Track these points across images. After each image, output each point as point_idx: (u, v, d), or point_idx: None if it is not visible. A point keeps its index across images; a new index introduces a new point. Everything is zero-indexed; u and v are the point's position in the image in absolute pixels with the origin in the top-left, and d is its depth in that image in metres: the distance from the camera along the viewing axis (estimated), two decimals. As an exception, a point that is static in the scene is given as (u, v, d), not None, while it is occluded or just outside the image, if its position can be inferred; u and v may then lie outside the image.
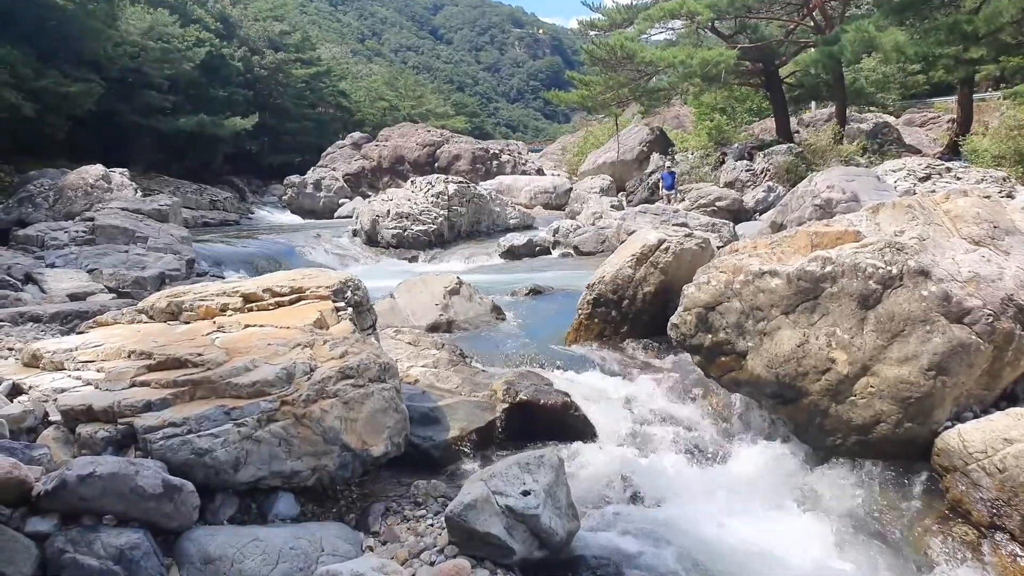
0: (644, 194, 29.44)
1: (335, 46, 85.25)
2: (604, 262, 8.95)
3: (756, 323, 5.90)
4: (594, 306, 8.61)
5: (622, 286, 8.47)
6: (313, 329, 5.19)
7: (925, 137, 36.70)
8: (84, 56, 30.84)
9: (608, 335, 8.58)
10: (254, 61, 46.16)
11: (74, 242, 13.66)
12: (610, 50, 29.89)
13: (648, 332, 8.55)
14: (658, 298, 8.48)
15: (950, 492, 5.19)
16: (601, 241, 18.90)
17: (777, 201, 23.86)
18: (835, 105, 32.62)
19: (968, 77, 28.98)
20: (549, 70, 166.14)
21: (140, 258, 13.10)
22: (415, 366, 7.01)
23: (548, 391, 6.68)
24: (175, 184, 33.06)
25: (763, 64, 31.45)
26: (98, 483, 3.84)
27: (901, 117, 39.09)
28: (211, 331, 5.18)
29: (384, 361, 5.03)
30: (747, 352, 5.97)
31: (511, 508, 4.21)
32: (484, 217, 22.59)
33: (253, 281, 5.83)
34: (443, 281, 9.98)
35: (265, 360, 4.74)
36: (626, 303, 8.48)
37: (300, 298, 5.63)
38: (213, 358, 4.70)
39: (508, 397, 6.56)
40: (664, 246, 8.39)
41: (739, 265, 6.00)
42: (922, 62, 29.17)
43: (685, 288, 6.34)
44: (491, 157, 36.62)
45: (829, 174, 14.06)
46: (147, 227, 14.79)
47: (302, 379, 4.66)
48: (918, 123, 39.10)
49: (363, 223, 20.53)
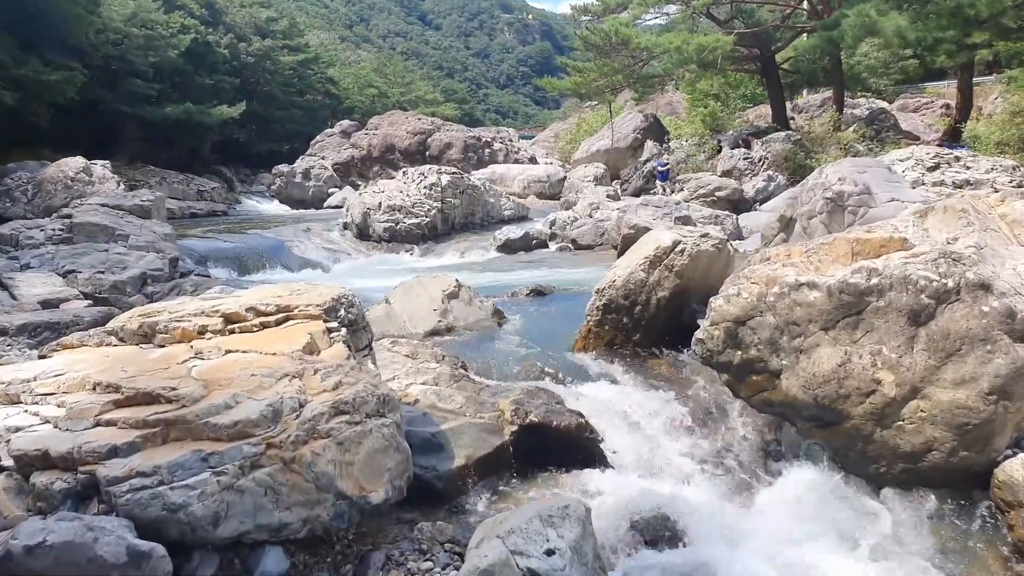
0: (639, 183, 29.00)
1: (323, 32, 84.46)
2: (614, 264, 8.36)
3: (792, 339, 5.35)
4: (604, 312, 8.02)
5: (634, 291, 7.89)
6: (303, 356, 4.60)
7: (920, 122, 36.23)
8: (67, 43, 30.25)
9: (619, 343, 8.01)
10: (240, 48, 45.52)
11: (51, 241, 13.01)
12: (605, 36, 29.32)
13: (662, 340, 7.99)
14: (673, 304, 7.92)
15: (1014, 531, 4.66)
16: (600, 234, 18.32)
17: (778, 191, 23.41)
18: (832, 91, 32.11)
19: (968, 62, 28.42)
20: (539, 56, 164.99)
21: (120, 257, 12.47)
22: (415, 383, 6.44)
23: (561, 412, 6.12)
24: (161, 174, 32.48)
25: (759, 50, 30.92)
26: (49, 553, 3.28)
27: (895, 103, 38.55)
28: (188, 358, 4.59)
29: (383, 392, 4.46)
30: (781, 371, 5.42)
31: (534, 572, 3.65)
32: (478, 209, 21.97)
33: (236, 299, 5.22)
34: (441, 284, 9.38)
35: (248, 394, 4.16)
36: (639, 309, 7.91)
37: (288, 318, 5.04)
38: (189, 392, 4.12)
39: (517, 419, 5.99)
40: (679, 248, 7.81)
41: (773, 276, 5.44)
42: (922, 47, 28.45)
43: (712, 301, 5.78)
44: (483, 145, 35.92)
45: (840, 165, 13.47)
46: (128, 224, 14.14)
47: (290, 417, 4.08)
48: (911, 108, 38.59)
49: (354, 216, 19.89)
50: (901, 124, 32.27)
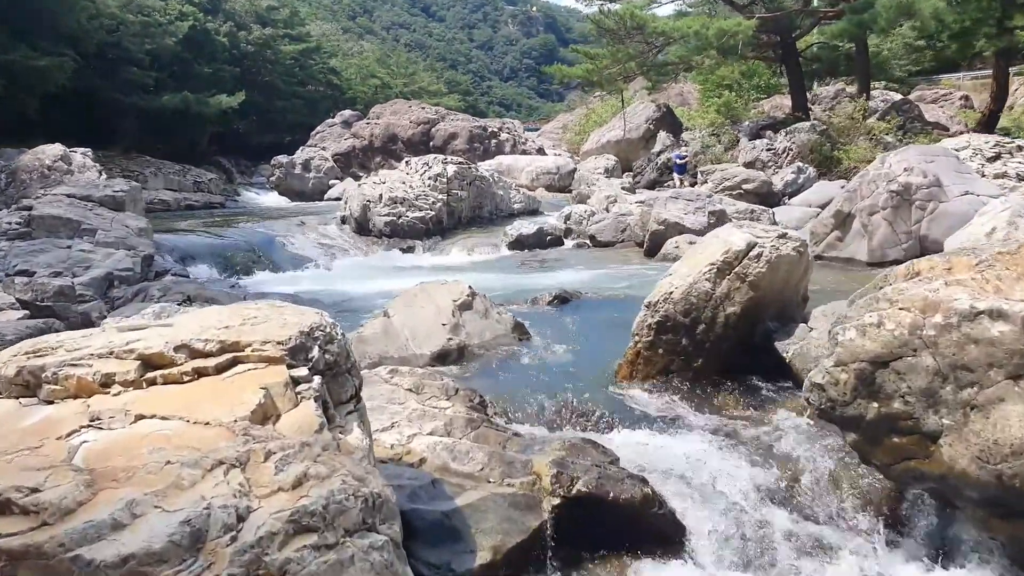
0: (653, 175, 27.66)
1: (325, 23, 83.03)
2: (670, 271, 6.69)
3: (960, 390, 3.74)
4: (658, 332, 6.38)
5: (697, 305, 6.26)
6: (249, 427, 3.01)
7: (942, 114, 34.80)
8: (58, 29, 29.15)
9: (675, 370, 6.40)
10: (240, 36, 44.45)
11: (5, 236, 11.38)
12: (619, 20, 27.85)
13: (728, 366, 6.39)
14: (743, 321, 6.30)
15: None
16: (621, 229, 16.71)
17: (808, 184, 21.86)
18: (856, 80, 30.62)
19: (1009, 47, 26.74)
20: (543, 48, 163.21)
21: (84, 256, 10.90)
22: (420, 434, 4.83)
23: (618, 477, 4.52)
24: (157, 165, 31.10)
25: (779, 36, 29.33)
26: None
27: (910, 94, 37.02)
28: (76, 428, 3.00)
29: (373, 491, 2.85)
30: (941, 433, 3.82)
31: None
32: (486, 202, 20.33)
33: (162, 330, 3.61)
34: (451, 292, 7.72)
35: (157, 499, 2.57)
36: (702, 328, 6.28)
37: (235, 361, 3.43)
38: (58, 498, 2.53)
39: (560, 488, 4.40)
40: (755, 252, 6.18)
41: (933, 300, 3.82)
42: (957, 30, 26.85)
43: (839, 333, 4.15)
44: (489, 136, 34.28)
45: (905, 154, 11.86)
46: (96, 217, 12.50)
47: (222, 540, 2.49)
48: (929, 100, 37.24)
49: (352, 209, 18.22)
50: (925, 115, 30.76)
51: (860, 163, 23.47)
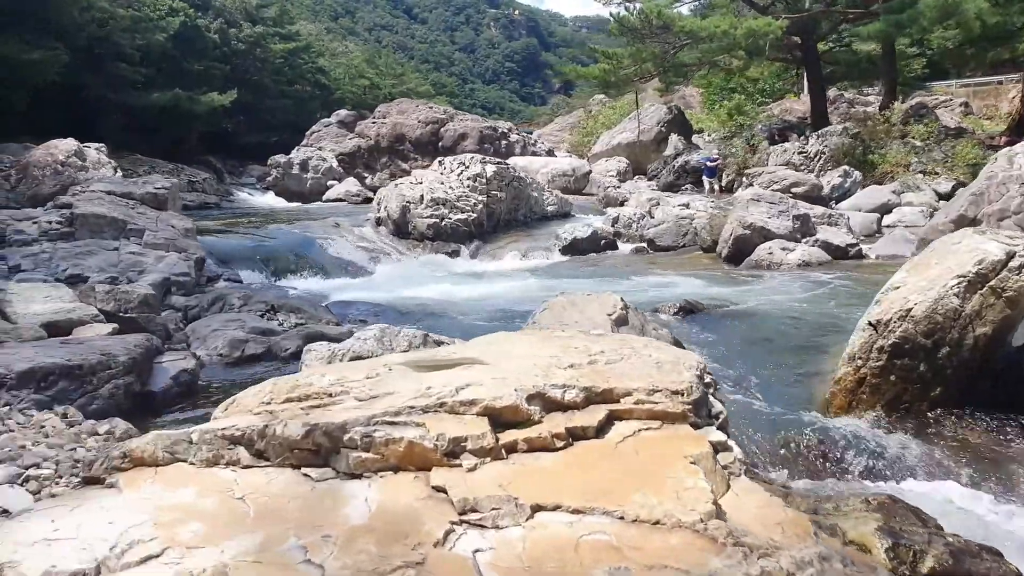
0: (669, 178, 27.18)
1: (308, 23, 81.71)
2: (897, 284, 5.67)
3: None
4: (891, 356, 5.40)
5: (942, 325, 5.28)
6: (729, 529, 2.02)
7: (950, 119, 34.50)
8: (50, 23, 28.25)
9: (908, 401, 5.43)
10: (231, 34, 43.58)
11: (46, 236, 10.22)
12: (644, 18, 27.00)
13: (968, 397, 5.43)
14: (992, 344, 5.36)
15: None
16: (683, 233, 15.77)
17: (855, 188, 21.20)
18: (884, 84, 30.20)
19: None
20: (525, 51, 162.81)
21: (135, 258, 9.77)
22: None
23: (973, 552, 3.51)
24: (150, 163, 29.96)
25: (800, 38, 28.64)
26: None
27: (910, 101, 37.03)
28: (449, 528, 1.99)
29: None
30: None
31: None
32: (522, 204, 19.29)
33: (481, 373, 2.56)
34: (603, 304, 6.69)
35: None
36: (944, 352, 5.32)
37: (611, 416, 2.45)
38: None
39: (903, 566, 3.41)
40: (1016, 264, 5.21)
41: None
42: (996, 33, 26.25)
43: None
44: (500, 136, 33.24)
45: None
46: (142, 216, 11.36)
47: None
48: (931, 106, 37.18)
49: (390, 210, 17.11)
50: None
51: (895, 167, 22.86)
